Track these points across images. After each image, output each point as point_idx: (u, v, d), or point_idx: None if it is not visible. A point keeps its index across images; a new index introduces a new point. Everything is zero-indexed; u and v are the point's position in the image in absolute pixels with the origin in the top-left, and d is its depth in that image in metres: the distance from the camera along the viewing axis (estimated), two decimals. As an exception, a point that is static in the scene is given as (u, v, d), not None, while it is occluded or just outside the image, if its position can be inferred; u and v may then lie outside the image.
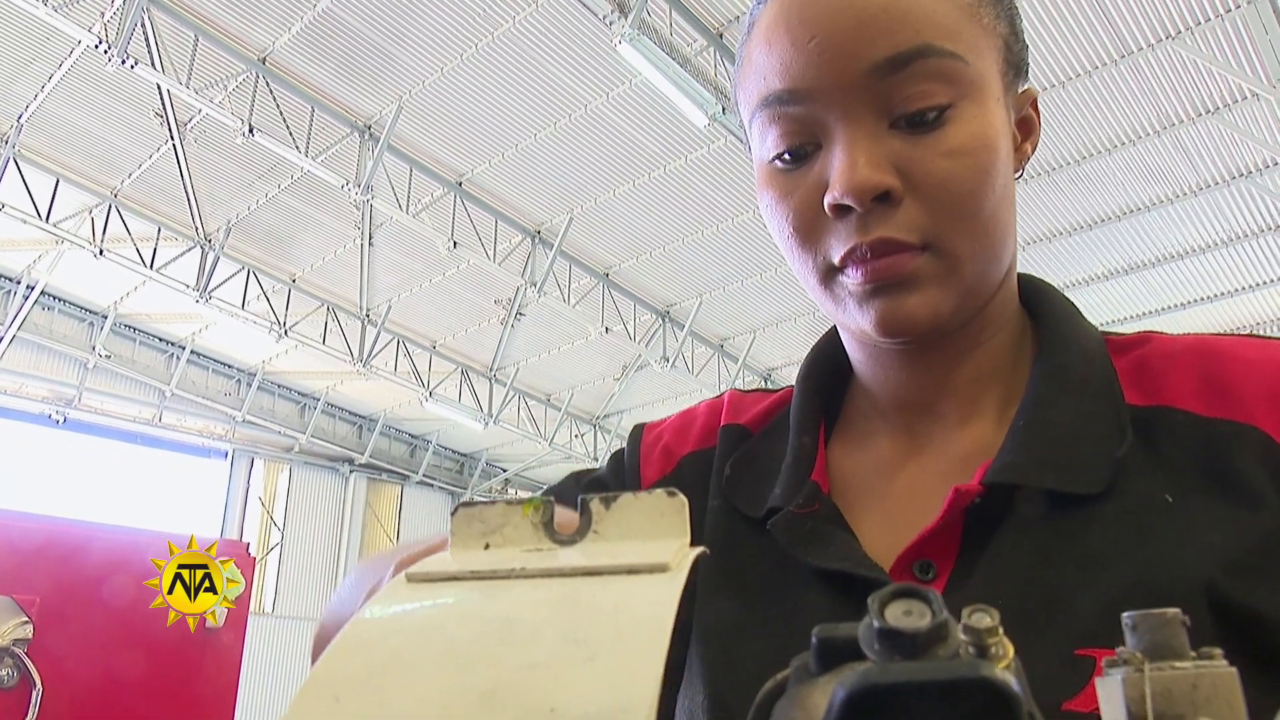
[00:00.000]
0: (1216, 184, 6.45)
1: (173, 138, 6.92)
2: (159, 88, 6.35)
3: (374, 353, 9.07)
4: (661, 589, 0.23)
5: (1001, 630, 0.24)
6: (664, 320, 8.96)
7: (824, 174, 0.60)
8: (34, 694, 2.78)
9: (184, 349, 10.08)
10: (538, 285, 7.74)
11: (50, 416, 9.70)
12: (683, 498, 0.27)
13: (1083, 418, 0.61)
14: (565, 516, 0.28)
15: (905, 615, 0.20)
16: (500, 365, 9.84)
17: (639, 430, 0.80)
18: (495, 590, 0.24)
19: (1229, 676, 0.25)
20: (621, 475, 0.77)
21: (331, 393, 11.06)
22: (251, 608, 8.26)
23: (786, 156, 0.62)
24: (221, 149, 6.94)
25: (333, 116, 6.66)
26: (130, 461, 10.28)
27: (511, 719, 0.18)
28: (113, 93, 6.51)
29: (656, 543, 0.26)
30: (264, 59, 6.27)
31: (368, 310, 8.95)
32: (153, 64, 5.82)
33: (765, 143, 0.64)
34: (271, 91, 6.35)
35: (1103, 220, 7.00)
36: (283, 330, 8.62)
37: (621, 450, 0.80)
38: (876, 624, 0.20)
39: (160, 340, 10.05)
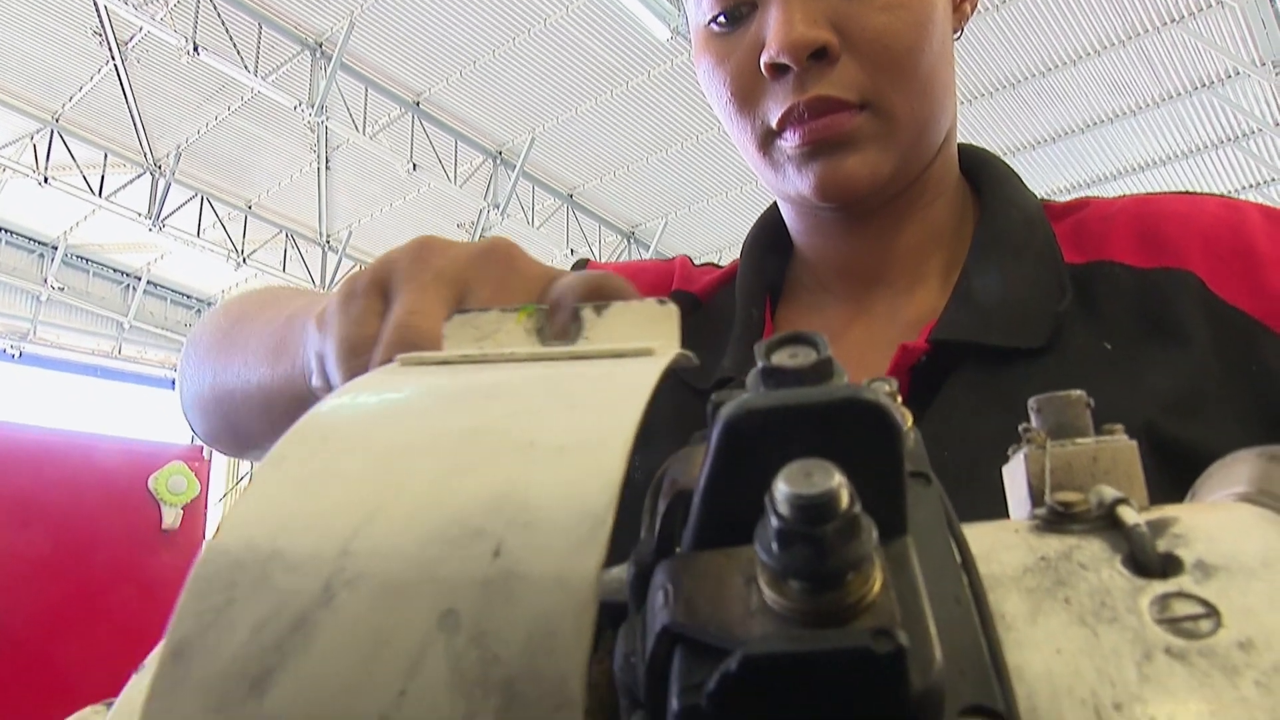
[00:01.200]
0: (1179, 95, 6.45)
1: (114, 58, 6.62)
2: (95, 4, 6.05)
3: (336, 279, 8.93)
4: (644, 365, 0.24)
5: (900, 399, 0.24)
6: (629, 241, 8.89)
7: (760, 34, 0.59)
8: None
9: (140, 279, 9.86)
10: (500, 208, 7.62)
11: (6, 351, 9.49)
12: (674, 306, 0.28)
13: (1024, 278, 0.61)
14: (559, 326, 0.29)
15: (791, 358, 0.20)
16: (465, 291, 9.75)
17: (584, 262, 0.79)
18: (485, 368, 0.25)
19: (1128, 449, 0.25)
20: None
21: (295, 322, 10.90)
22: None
23: (722, 19, 0.61)
24: (166, 70, 6.67)
25: (281, 33, 6.40)
26: (92, 395, 10.14)
27: (490, 451, 0.19)
28: (46, 9, 6.19)
29: (645, 344, 0.27)
30: (205, -29, 5.99)
31: (328, 236, 8.78)
32: (87, -23, 5.54)
33: (701, 5, 0.63)
34: (215, 6, 6.08)
35: (1067, 133, 6.99)
36: (241, 258, 8.45)
37: None
38: (761, 364, 0.20)
39: (115, 271, 9.81)
